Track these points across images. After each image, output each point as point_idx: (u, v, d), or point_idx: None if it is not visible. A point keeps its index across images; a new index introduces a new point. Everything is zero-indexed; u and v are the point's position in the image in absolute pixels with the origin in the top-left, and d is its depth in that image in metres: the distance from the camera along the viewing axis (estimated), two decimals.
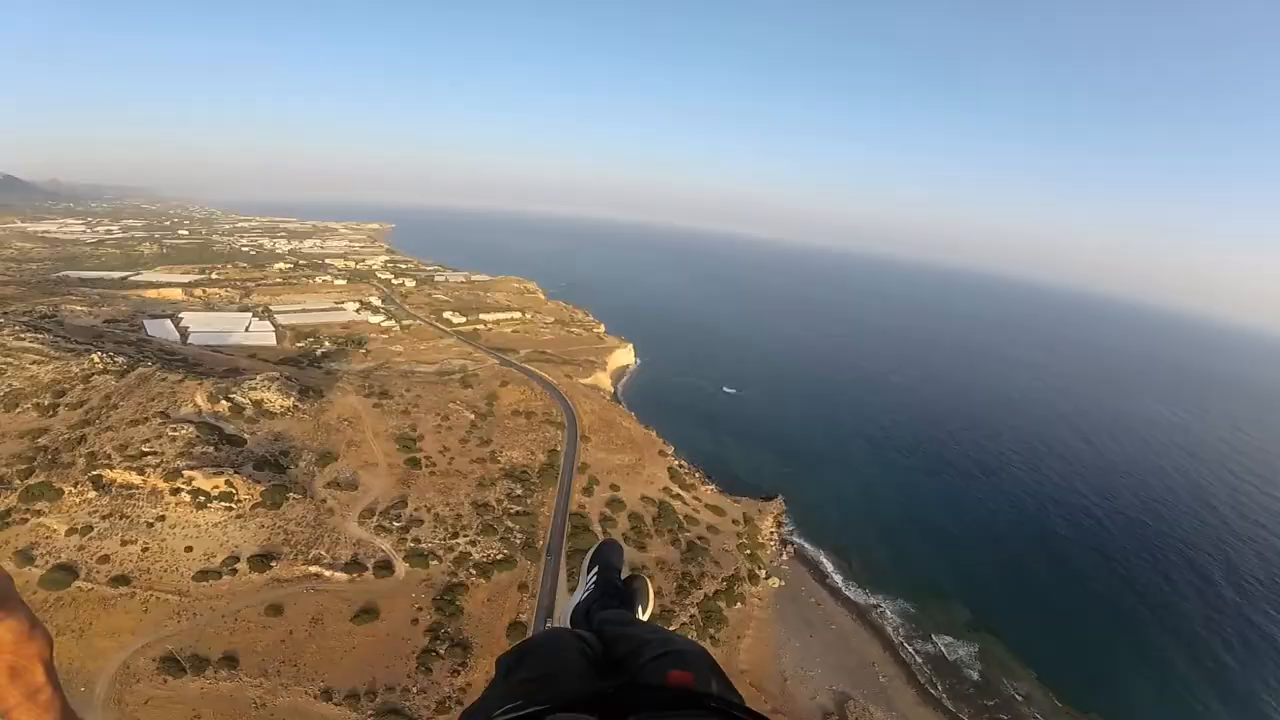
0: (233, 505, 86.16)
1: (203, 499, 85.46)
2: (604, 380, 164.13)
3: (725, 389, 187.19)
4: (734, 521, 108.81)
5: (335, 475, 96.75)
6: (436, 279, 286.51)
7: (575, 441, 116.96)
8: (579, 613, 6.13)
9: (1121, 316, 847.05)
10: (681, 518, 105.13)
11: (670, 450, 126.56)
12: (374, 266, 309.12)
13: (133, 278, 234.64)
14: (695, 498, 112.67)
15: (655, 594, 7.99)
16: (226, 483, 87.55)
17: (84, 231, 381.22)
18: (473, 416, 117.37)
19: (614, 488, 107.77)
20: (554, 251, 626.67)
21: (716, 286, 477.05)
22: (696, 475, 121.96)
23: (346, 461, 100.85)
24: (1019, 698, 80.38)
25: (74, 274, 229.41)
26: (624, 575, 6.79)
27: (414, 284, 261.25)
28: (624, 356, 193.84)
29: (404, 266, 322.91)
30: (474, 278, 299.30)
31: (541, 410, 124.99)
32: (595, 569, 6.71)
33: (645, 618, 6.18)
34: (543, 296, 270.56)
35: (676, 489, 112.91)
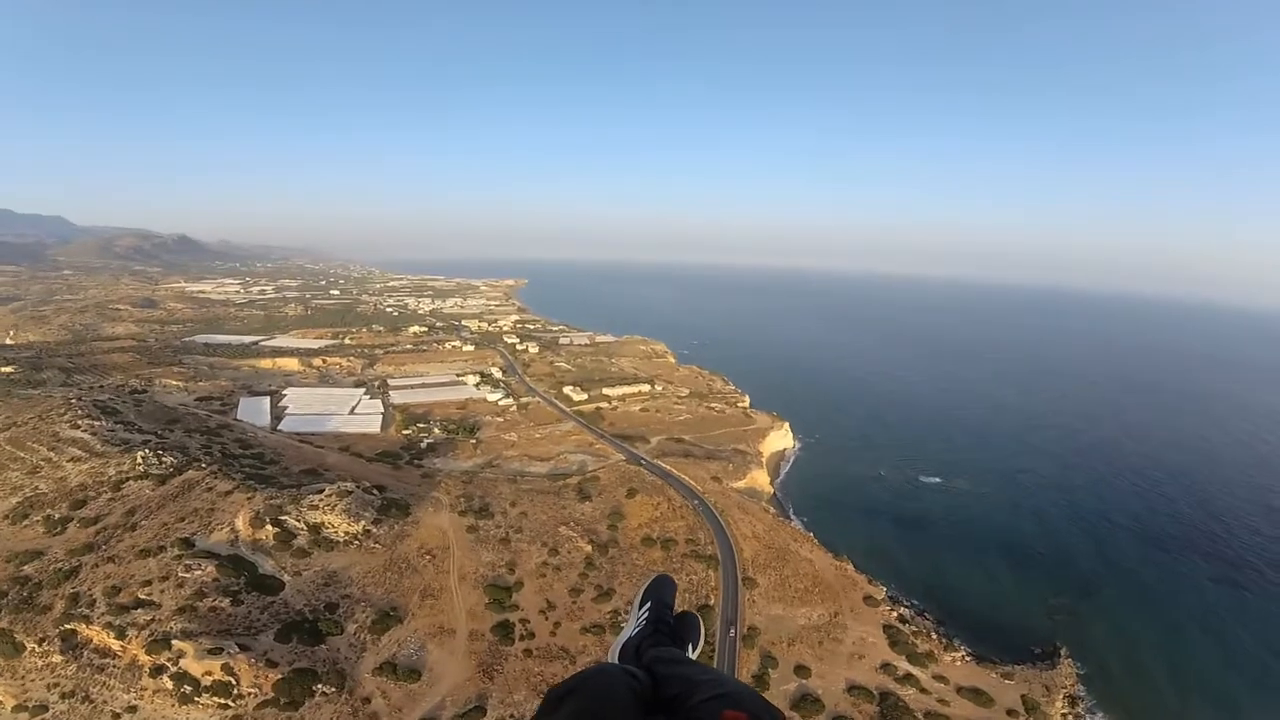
0: (230, 702, 57.62)
1: (189, 688, 57.49)
2: (761, 479, 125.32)
3: (923, 478, 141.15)
4: (1010, 713, 68.28)
5: (394, 650, 66.61)
6: (560, 341, 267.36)
7: (735, 588, 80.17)
8: (628, 649, 5.60)
9: None
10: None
11: (881, 593, 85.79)
12: (503, 327, 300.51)
13: (263, 342, 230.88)
14: (938, 677, 72.34)
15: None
16: (224, 667, 58.92)
17: (238, 292, 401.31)
18: (589, 549, 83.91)
19: (801, 671, 70.40)
20: (678, 300, 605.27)
21: (869, 335, 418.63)
22: (930, 632, 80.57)
23: (415, 625, 70.30)
24: None
25: (204, 339, 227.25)
26: (676, 612, 6.31)
27: (537, 350, 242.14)
28: (780, 439, 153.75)
29: (531, 327, 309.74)
30: (598, 339, 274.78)
31: (683, 535, 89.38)
32: (647, 605, 6.21)
33: (695, 656, 5.77)
34: (673, 360, 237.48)
35: (904, 664, 73.19)
